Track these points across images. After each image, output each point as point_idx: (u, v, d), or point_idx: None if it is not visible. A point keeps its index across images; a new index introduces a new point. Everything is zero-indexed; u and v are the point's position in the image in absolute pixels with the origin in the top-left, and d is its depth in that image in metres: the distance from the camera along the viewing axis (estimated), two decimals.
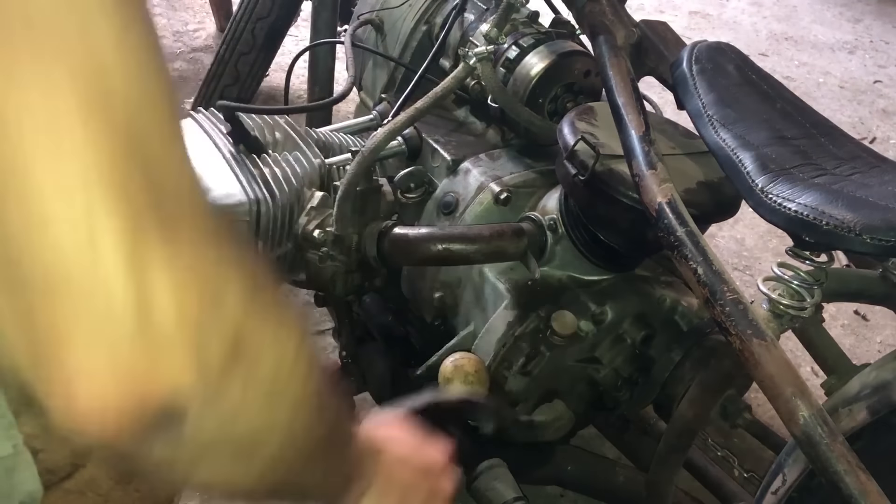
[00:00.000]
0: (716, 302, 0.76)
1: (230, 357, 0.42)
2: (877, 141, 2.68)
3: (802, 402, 0.71)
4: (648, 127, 0.89)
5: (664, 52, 1.12)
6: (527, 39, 1.23)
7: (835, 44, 3.39)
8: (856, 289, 0.93)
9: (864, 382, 0.78)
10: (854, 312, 1.90)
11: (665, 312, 1.12)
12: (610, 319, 1.10)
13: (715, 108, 0.90)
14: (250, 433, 0.46)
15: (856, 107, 2.91)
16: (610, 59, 0.97)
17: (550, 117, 1.23)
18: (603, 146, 1.00)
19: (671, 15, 3.34)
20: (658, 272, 1.17)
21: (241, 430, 0.45)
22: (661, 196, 0.82)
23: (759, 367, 0.73)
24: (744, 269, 2.03)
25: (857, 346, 1.84)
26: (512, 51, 1.22)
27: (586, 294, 1.11)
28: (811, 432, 0.70)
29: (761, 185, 0.80)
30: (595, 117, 1.07)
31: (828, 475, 0.69)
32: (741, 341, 0.74)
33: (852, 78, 3.11)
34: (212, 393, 0.41)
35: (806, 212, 0.75)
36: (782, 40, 3.36)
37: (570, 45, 1.23)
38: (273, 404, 0.47)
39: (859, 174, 0.84)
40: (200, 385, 0.40)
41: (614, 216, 1.01)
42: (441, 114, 1.33)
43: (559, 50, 1.22)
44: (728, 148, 0.85)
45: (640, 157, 0.86)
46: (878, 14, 3.74)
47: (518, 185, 1.18)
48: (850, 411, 0.76)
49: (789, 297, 0.81)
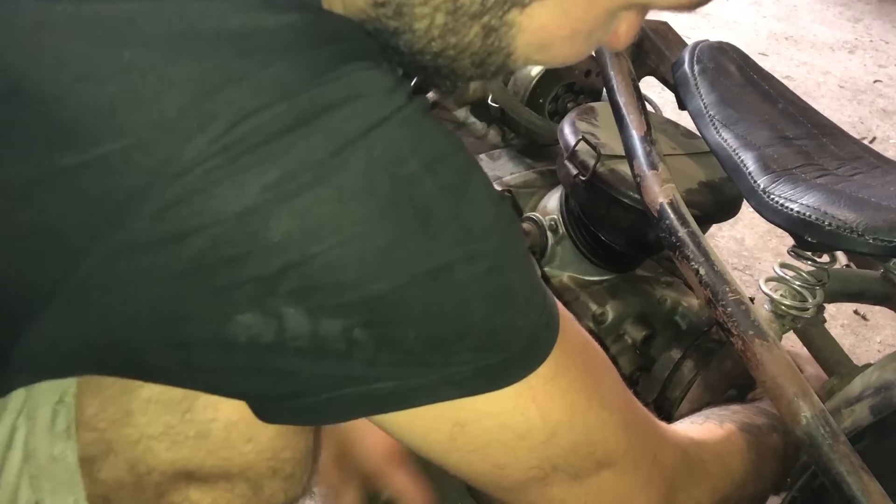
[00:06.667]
0: (717, 302, 0.76)
1: None
2: (877, 141, 2.68)
3: (805, 403, 0.71)
4: (650, 127, 0.89)
5: (665, 53, 1.12)
6: None
7: (835, 43, 3.39)
8: (857, 289, 0.93)
9: (867, 383, 0.78)
10: (854, 312, 1.90)
11: (666, 313, 1.12)
12: (611, 319, 1.10)
13: (716, 109, 0.90)
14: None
15: (856, 106, 2.90)
16: (611, 58, 0.97)
17: (551, 117, 1.23)
18: (604, 146, 1.00)
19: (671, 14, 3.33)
20: (659, 272, 1.17)
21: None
22: (662, 196, 0.82)
23: (762, 368, 0.73)
24: (744, 269, 2.03)
25: (856, 346, 1.84)
26: None
27: (587, 294, 1.11)
28: (813, 433, 0.70)
29: (763, 185, 0.80)
30: (596, 117, 1.07)
31: (830, 476, 0.69)
32: (743, 342, 0.74)
33: (852, 77, 3.11)
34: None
35: (808, 212, 0.74)
36: (782, 40, 3.36)
37: None
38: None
39: (861, 175, 0.83)
40: None
41: (615, 216, 1.01)
42: (441, 114, 1.32)
43: None
44: (730, 148, 0.85)
45: (641, 157, 0.86)
46: (878, 14, 3.74)
47: (518, 186, 1.17)
48: (852, 412, 0.76)
49: (791, 298, 0.81)
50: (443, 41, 0.48)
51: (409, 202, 0.42)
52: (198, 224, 0.40)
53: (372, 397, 0.46)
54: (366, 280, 0.42)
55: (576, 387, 0.53)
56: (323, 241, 0.41)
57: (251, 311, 0.42)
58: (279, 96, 0.40)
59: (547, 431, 0.52)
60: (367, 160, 0.41)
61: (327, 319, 0.43)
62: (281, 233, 0.40)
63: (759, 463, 0.76)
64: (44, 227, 0.40)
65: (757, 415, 0.83)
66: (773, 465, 0.78)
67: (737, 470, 0.73)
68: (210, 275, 0.41)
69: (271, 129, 0.40)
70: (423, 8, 0.46)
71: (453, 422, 0.50)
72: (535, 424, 0.51)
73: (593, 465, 0.56)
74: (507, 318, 0.47)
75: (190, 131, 0.39)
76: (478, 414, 0.50)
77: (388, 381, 0.46)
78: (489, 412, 0.50)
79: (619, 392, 0.59)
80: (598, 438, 0.56)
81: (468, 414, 0.50)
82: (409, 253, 0.43)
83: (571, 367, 0.52)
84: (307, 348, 0.43)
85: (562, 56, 0.51)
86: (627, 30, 0.53)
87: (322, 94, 0.41)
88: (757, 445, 0.77)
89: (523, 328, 0.49)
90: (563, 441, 0.53)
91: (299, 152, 0.40)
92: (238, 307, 0.42)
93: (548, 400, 0.51)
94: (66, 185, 0.40)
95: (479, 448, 0.52)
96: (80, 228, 0.40)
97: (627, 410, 0.59)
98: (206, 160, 0.39)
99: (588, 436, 0.55)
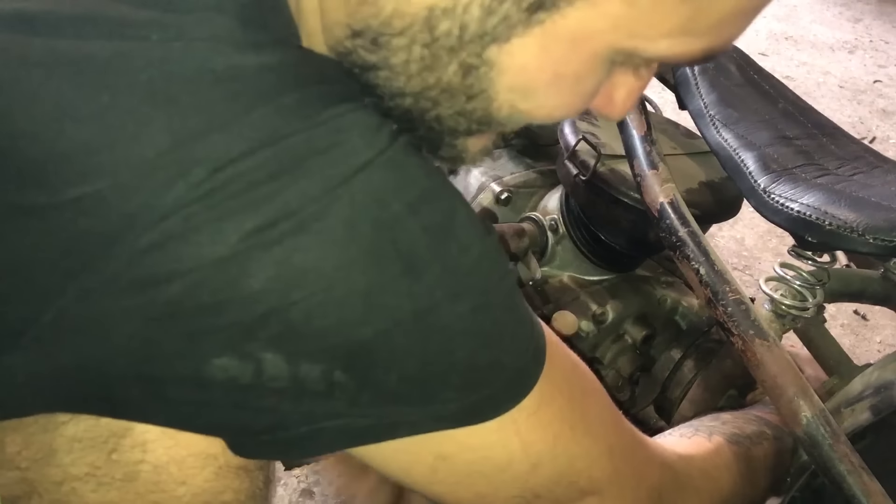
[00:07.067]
0: (718, 302, 0.76)
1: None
2: (877, 141, 2.68)
3: (805, 403, 0.71)
4: (650, 127, 0.89)
5: None
6: None
7: (835, 43, 3.39)
8: (857, 289, 0.93)
9: (867, 382, 0.78)
10: (854, 312, 1.90)
11: (666, 313, 1.12)
12: (611, 319, 1.09)
13: (717, 108, 0.90)
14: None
15: (856, 106, 2.90)
16: None
17: None
18: (604, 146, 1.00)
19: None
20: (659, 272, 1.17)
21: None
22: (662, 196, 0.82)
23: (762, 368, 0.73)
24: (744, 269, 2.03)
25: (856, 346, 1.84)
26: None
27: (587, 294, 1.11)
28: (814, 433, 0.70)
29: (764, 185, 0.80)
30: (596, 117, 1.07)
31: (830, 476, 0.69)
32: (743, 342, 0.74)
33: (852, 78, 3.11)
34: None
35: (808, 212, 0.75)
36: (782, 40, 3.36)
37: None
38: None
39: (861, 174, 0.83)
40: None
41: (616, 216, 1.01)
42: None
43: None
44: (730, 148, 0.85)
45: (641, 156, 0.86)
46: (878, 14, 3.74)
47: (519, 185, 1.17)
48: (852, 411, 0.76)
49: (791, 298, 0.81)
50: (421, 79, 0.46)
51: (392, 246, 0.42)
52: (175, 270, 0.39)
53: (351, 430, 0.46)
54: (348, 326, 0.42)
55: (560, 417, 0.53)
56: (304, 288, 0.40)
57: (228, 356, 0.41)
58: (263, 142, 0.39)
59: (529, 463, 0.52)
60: (350, 206, 0.41)
61: (307, 364, 0.42)
62: (261, 280, 0.40)
63: (749, 474, 0.76)
64: (13, 265, 0.40)
65: (747, 423, 0.83)
66: (763, 474, 0.79)
67: (725, 483, 0.73)
68: (187, 320, 0.40)
69: (254, 176, 0.39)
70: (400, 39, 0.45)
71: (435, 454, 0.50)
72: (517, 457, 0.51)
73: (577, 494, 0.56)
74: (492, 356, 0.47)
75: (170, 176, 0.38)
76: (460, 447, 0.50)
77: (369, 418, 0.46)
78: (471, 445, 0.50)
79: (606, 416, 0.59)
80: (582, 467, 0.55)
81: (450, 447, 0.49)
82: (393, 297, 0.42)
83: (557, 396, 0.52)
84: (286, 389, 0.43)
85: (548, 106, 0.48)
86: (626, 97, 0.50)
87: (307, 140, 0.40)
88: (746, 457, 0.77)
89: (508, 364, 0.48)
90: (545, 471, 0.53)
91: (282, 199, 0.39)
92: (215, 351, 0.41)
93: (531, 432, 0.51)
94: (38, 225, 0.39)
95: (461, 480, 0.52)
96: (53, 268, 0.39)
97: (613, 434, 0.59)
98: (186, 206, 0.38)
99: (571, 465, 0.55)
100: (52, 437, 0.48)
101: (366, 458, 0.50)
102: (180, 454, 0.47)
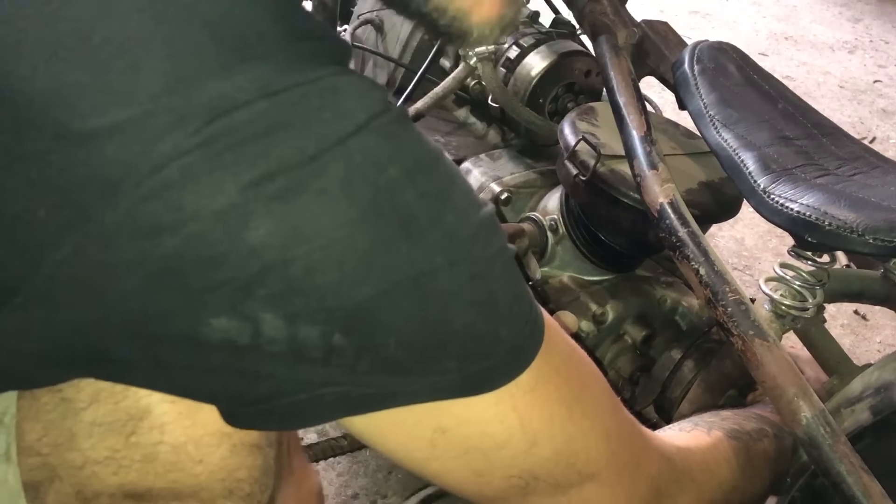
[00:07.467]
0: (718, 302, 0.76)
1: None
2: (877, 141, 2.68)
3: (805, 403, 0.71)
4: (650, 127, 0.89)
5: (665, 53, 1.12)
6: (527, 39, 1.22)
7: (834, 43, 3.39)
8: (857, 289, 0.93)
9: (867, 383, 0.78)
10: (854, 312, 1.90)
11: (666, 313, 1.12)
12: (611, 320, 1.10)
13: (717, 109, 0.90)
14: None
15: (856, 106, 2.90)
16: (611, 58, 0.97)
17: (551, 117, 1.23)
18: (604, 146, 1.00)
19: (671, 14, 3.34)
20: (659, 272, 1.17)
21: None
22: (662, 196, 0.82)
23: (762, 368, 0.73)
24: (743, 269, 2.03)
25: (856, 346, 1.84)
26: (512, 51, 1.22)
27: (587, 294, 1.11)
28: (813, 433, 0.70)
29: (763, 185, 0.79)
30: (596, 117, 1.07)
31: (830, 476, 0.69)
32: (743, 342, 0.74)
33: (852, 78, 3.11)
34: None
35: (808, 212, 0.74)
36: (782, 40, 3.36)
37: (570, 44, 1.23)
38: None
39: (861, 175, 0.83)
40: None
41: (615, 216, 1.01)
42: (441, 114, 1.32)
43: (560, 50, 1.21)
44: (730, 148, 0.85)
45: (641, 157, 0.86)
46: (878, 14, 3.74)
47: (518, 186, 1.17)
48: (852, 412, 0.76)
49: (791, 298, 0.81)
50: None
51: (391, 208, 0.42)
52: (174, 220, 0.38)
53: (350, 398, 0.46)
54: (347, 284, 0.41)
55: (557, 397, 0.53)
56: (304, 245, 0.40)
57: (226, 315, 0.41)
58: (259, 94, 0.39)
59: (527, 441, 0.52)
60: (346, 168, 0.40)
61: (305, 326, 0.42)
62: (261, 234, 0.39)
63: (748, 469, 0.76)
64: (9, 217, 0.38)
65: (747, 420, 0.83)
66: (763, 471, 0.79)
67: (724, 477, 0.73)
68: (184, 274, 0.39)
69: (250, 127, 0.39)
70: None
71: (433, 427, 0.50)
72: (514, 433, 0.51)
73: (575, 476, 0.56)
74: (491, 327, 0.47)
75: (167, 123, 0.37)
76: (458, 420, 0.50)
77: (367, 387, 0.46)
78: (469, 419, 0.50)
79: (604, 402, 0.59)
80: (580, 448, 0.56)
81: (448, 420, 0.49)
82: (391, 259, 0.42)
83: (554, 377, 0.52)
84: (284, 353, 0.42)
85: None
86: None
87: (302, 96, 0.40)
88: (745, 452, 0.77)
89: (506, 337, 0.48)
90: (543, 451, 0.53)
91: (277, 154, 0.39)
92: (212, 310, 0.40)
93: (528, 409, 0.51)
94: (33, 172, 0.38)
95: (459, 456, 0.52)
96: (48, 219, 0.38)
97: (611, 420, 0.59)
98: (184, 155, 0.38)
99: (569, 446, 0.55)
100: (71, 422, 0.48)
101: (364, 434, 0.50)
102: (197, 433, 0.48)
